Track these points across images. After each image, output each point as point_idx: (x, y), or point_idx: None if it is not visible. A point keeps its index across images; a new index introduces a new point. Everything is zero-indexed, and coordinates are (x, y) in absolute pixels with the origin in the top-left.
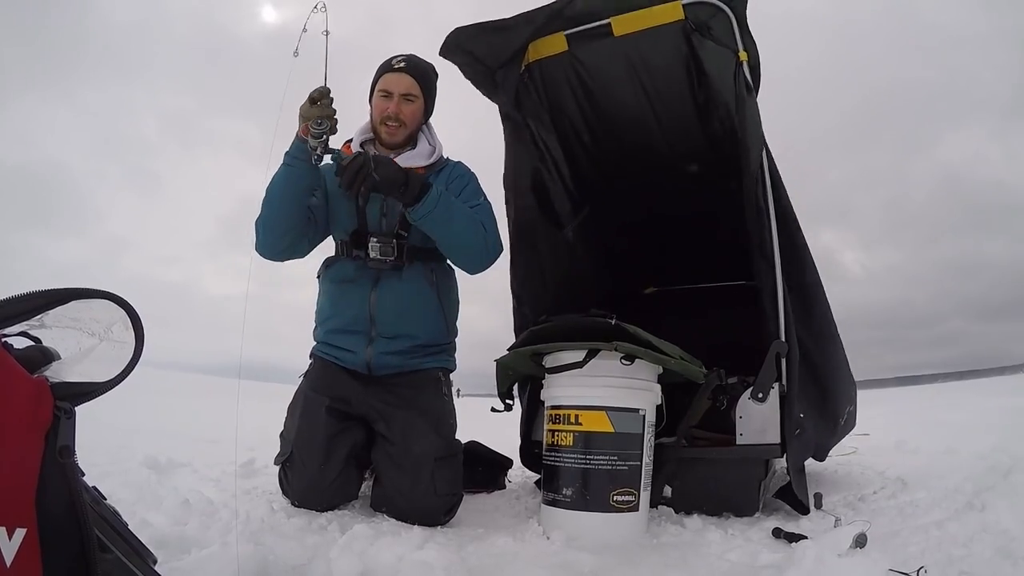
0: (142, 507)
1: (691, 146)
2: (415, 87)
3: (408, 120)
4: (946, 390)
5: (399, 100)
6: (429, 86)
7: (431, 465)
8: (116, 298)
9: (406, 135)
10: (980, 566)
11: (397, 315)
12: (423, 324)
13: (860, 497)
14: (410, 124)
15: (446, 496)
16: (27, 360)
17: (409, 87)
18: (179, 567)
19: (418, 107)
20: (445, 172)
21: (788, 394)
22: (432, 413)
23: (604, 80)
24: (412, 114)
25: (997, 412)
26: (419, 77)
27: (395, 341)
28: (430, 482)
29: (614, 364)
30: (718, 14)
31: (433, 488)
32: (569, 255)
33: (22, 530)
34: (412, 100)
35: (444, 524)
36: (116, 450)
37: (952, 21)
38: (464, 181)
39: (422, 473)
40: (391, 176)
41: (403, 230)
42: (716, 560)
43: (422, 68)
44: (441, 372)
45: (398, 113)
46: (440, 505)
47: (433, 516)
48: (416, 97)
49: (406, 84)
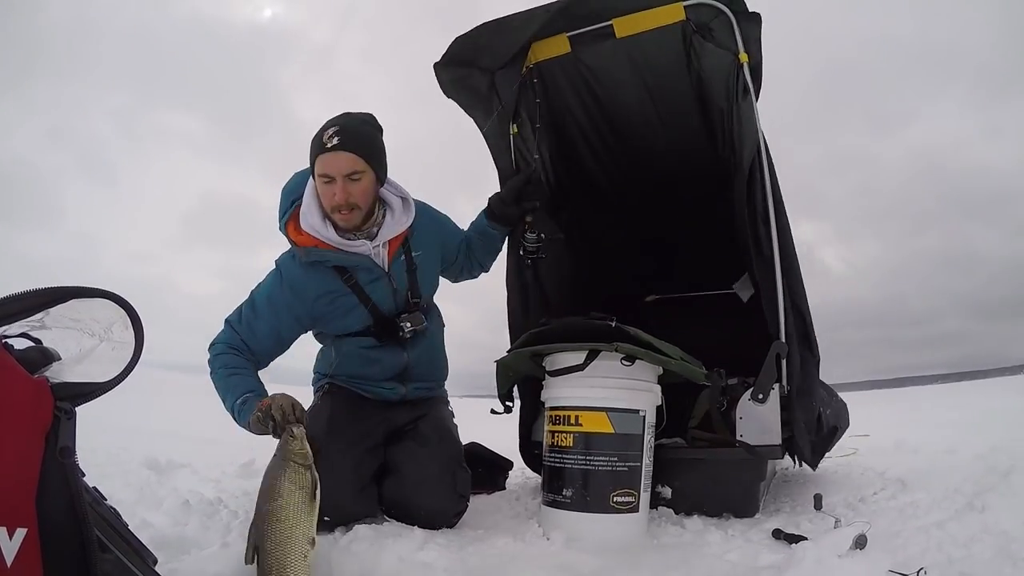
0: (142, 507)
1: (694, 148)
2: (357, 162)
3: (361, 201)
4: (946, 391)
5: (343, 183)
6: (373, 152)
7: (455, 467)
8: (116, 297)
9: (362, 214)
10: (980, 567)
11: (428, 363)
12: (445, 364)
13: (860, 498)
14: (364, 204)
15: (461, 498)
16: (27, 361)
17: (351, 165)
18: (179, 567)
19: (367, 182)
20: (422, 220)
21: (790, 395)
22: (445, 422)
23: (607, 82)
24: (363, 193)
25: (997, 412)
26: (358, 149)
27: (429, 382)
28: (452, 480)
29: (614, 365)
30: (719, 16)
31: (454, 486)
32: (575, 258)
33: (23, 530)
34: (358, 178)
35: (452, 526)
36: (116, 451)
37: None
38: (441, 218)
39: (447, 470)
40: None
41: (415, 297)
42: (716, 561)
43: (359, 136)
44: (446, 398)
45: (347, 198)
46: (454, 505)
47: (445, 514)
48: (362, 172)
49: (346, 164)
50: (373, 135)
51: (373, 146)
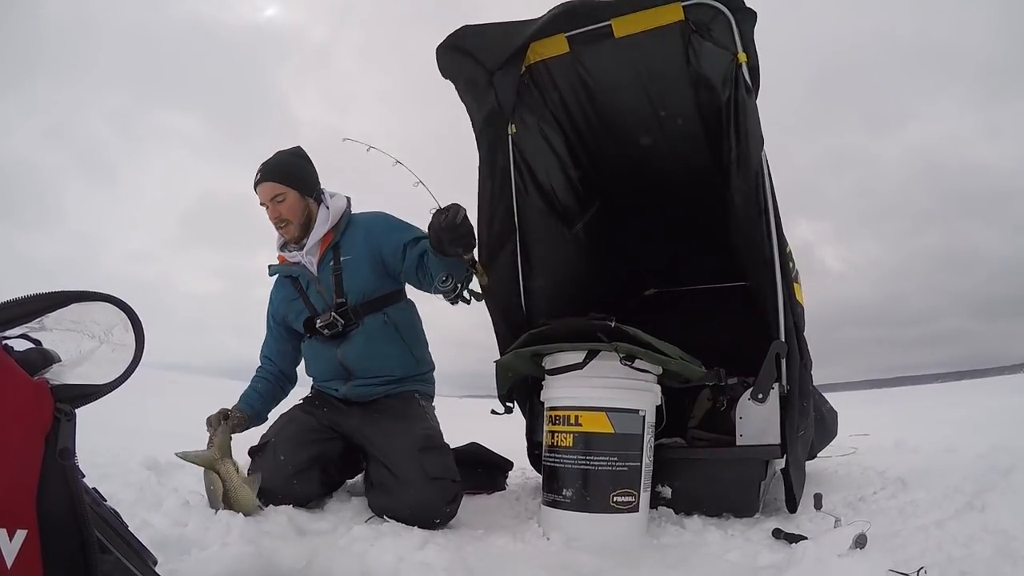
0: (142, 508)
1: (692, 147)
2: (277, 187)
3: (289, 215)
4: (945, 390)
5: (272, 205)
6: (292, 175)
7: (416, 454)
8: (116, 300)
9: (298, 228)
10: (980, 566)
11: (365, 360)
12: (392, 362)
13: (860, 497)
14: (294, 217)
15: (440, 481)
16: (27, 362)
17: (272, 191)
18: (179, 568)
19: (291, 200)
20: (358, 228)
21: (790, 394)
22: (409, 417)
23: (606, 81)
24: (289, 209)
25: (997, 411)
26: (277, 176)
27: (370, 379)
28: (420, 468)
29: (614, 365)
30: (718, 16)
31: (423, 471)
32: (576, 254)
33: (23, 531)
34: (282, 199)
35: (448, 518)
36: (116, 451)
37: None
38: (383, 224)
39: (408, 462)
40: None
41: (340, 298)
42: (716, 560)
43: (277, 167)
44: (417, 393)
45: (278, 215)
46: (436, 493)
47: (432, 505)
48: (284, 193)
49: (269, 190)
50: (291, 162)
51: (291, 171)
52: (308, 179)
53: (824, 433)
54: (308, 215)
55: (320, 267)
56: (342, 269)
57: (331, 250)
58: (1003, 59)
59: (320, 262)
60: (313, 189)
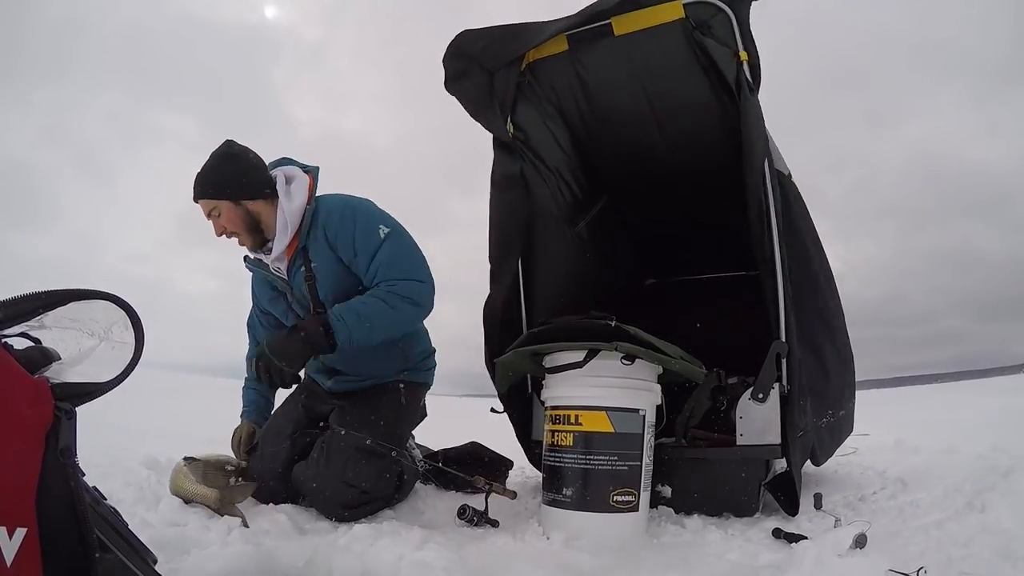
0: (142, 507)
1: (691, 143)
2: (209, 202)
3: (231, 226)
4: (945, 390)
5: (213, 221)
6: (218, 184)
7: (347, 451)
8: (116, 299)
9: (247, 236)
10: (980, 566)
11: (352, 362)
12: (380, 361)
13: (860, 497)
14: (238, 228)
15: (350, 488)
16: (27, 361)
17: (206, 207)
18: (179, 567)
19: (226, 211)
20: (321, 228)
21: (790, 395)
22: (379, 409)
23: (604, 80)
24: (229, 221)
25: (997, 411)
26: (203, 194)
27: (355, 377)
28: (342, 467)
29: (614, 364)
30: (719, 14)
31: (342, 473)
32: (577, 251)
33: (22, 530)
34: (218, 214)
35: (344, 520)
36: (116, 450)
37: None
38: (348, 231)
39: (336, 456)
40: (293, 351)
41: (319, 308)
42: (716, 560)
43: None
44: (402, 383)
45: (221, 230)
46: (342, 494)
47: (330, 503)
48: (216, 207)
49: (204, 208)
50: (216, 169)
51: (216, 180)
52: (240, 182)
53: (838, 435)
54: (254, 218)
55: (291, 274)
56: (315, 277)
57: (299, 254)
58: (1003, 56)
59: (290, 268)
60: (250, 189)
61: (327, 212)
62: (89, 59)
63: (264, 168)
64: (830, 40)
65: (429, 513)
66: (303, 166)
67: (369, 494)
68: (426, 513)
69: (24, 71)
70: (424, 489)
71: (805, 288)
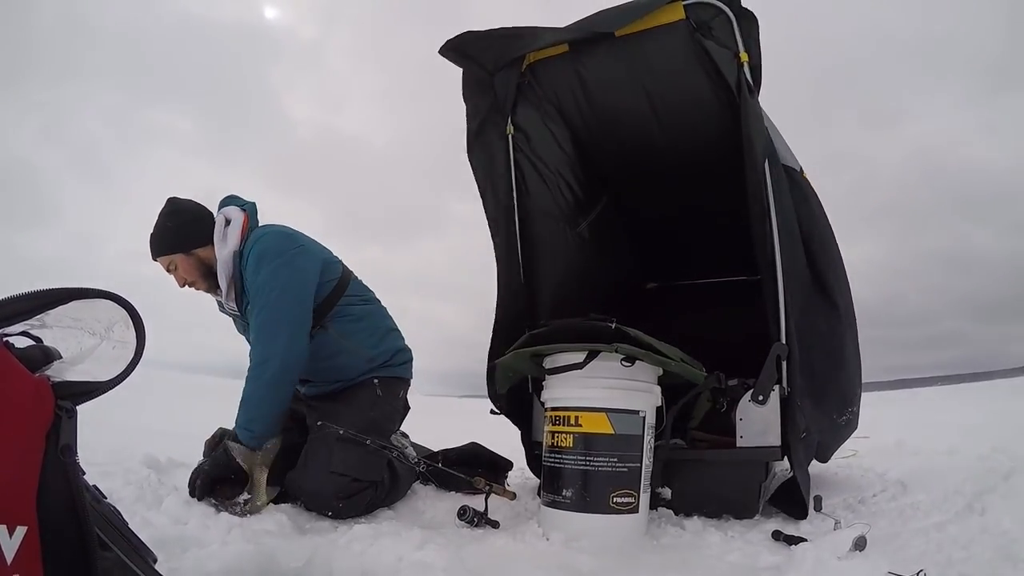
0: (142, 506)
1: (691, 145)
2: (163, 260)
3: (188, 275)
4: (945, 392)
5: (173, 274)
6: (168, 242)
7: (330, 443)
8: (117, 298)
9: (204, 283)
10: (980, 568)
11: (317, 371)
12: (343, 368)
13: (860, 499)
14: (194, 276)
15: (340, 477)
16: (28, 359)
17: (164, 264)
18: (179, 566)
19: (181, 263)
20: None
21: (790, 397)
22: (353, 404)
23: (605, 80)
24: (185, 271)
25: (997, 414)
26: (158, 250)
27: (322, 382)
28: (327, 458)
29: (614, 366)
30: (719, 15)
31: (327, 464)
32: (579, 252)
33: (23, 528)
34: (173, 268)
35: (341, 512)
36: (117, 449)
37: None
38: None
39: (319, 450)
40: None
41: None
42: (716, 562)
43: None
44: (376, 379)
45: (181, 283)
46: (330, 486)
47: (323, 497)
48: (172, 261)
49: (163, 264)
50: (163, 228)
51: (165, 239)
52: (187, 234)
53: (838, 437)
54: (207, 265)
55: (242, 312)
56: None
57: (242, 295)
58: (1001, 54)
59: (239, 306)
60: (198, 239)
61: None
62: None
63: (207, 216)
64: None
65: (429, 513)
66: (241, 203)
67: (360, 481)
68: (426, 513)
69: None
70: (424, 489)
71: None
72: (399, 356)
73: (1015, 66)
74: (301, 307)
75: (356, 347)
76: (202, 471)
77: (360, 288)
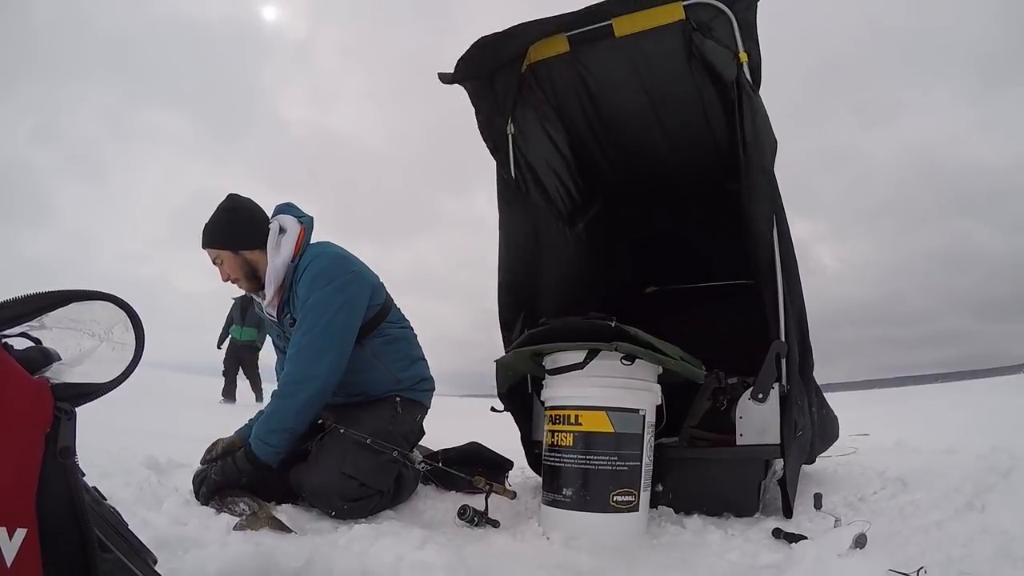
0: (142, 507)
1: (693, 145)
2: (212, 251)
3: (233, 274)
4: (945, 390)
5: (218, 268)
6: (220, 236)
7: (347, 444)
8: (116, 300)
9: (246, 282)
10: (980, 566)
11: (342, 383)
12: (369, 384)
13: (860, 497)
14: (238, 274)
15: (349, 480)
16: (27, 361)
17: (211, 256)
18: (179, 567)
19: (227, 260)
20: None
21: (789, 394)
22: (374, 413)
23: (606, 81)
24: (231, 269)
25: (997, 411)
26: (207, 244)
27: (346, 395)
28: (342, 457)
29: (614, 364)
30: (719, 16)
31: (340, 463)
32: (577, 253)
33: (22, 530)
34: (220, 262)
35: (344, 514)
36: (116, 451)
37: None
38: (304, 297)
39: (334, 448)
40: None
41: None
42: (716, 560)
43: (208, 231)
44: (399, 398)
45: (224, 277)
46: (339, 485)
47: (328, 495)
48: (219, 255)
49: (209, 256)
50: (218, 221)
51: (218, 232)
52: (239, 234)
53: (824, 436)
54: (252, 267)
55: (280, 320)
56: (296, 321)
57: (285, 305)
58: (998, 49)
59: (279, 314)
60: (249, 240)
61: (303, 271)
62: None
63: (262, 220)
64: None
65: (429, 513)
66: (299, 215)
67: (368, 487)
68: (426, 513)
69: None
70: (424, 489)
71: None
72: (423, 384)
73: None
74: (348, 334)
75: (386, 367)
76: (209, 479)
77: (398, 316)
